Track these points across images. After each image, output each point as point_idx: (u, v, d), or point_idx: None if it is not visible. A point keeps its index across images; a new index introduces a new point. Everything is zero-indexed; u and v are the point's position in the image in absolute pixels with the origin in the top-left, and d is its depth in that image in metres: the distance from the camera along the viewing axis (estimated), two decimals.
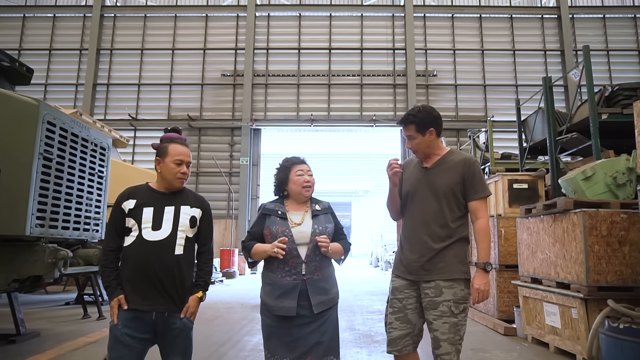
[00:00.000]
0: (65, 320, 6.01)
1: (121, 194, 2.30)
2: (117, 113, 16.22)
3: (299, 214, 2.46)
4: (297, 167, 2.48)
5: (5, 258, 3.80)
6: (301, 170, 2.47)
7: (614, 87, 5.65)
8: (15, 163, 3.70)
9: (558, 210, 4.19)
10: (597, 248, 3.81)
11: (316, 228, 2.40)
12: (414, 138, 2.48)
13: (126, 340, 2.12)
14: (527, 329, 4.82)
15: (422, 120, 2.44)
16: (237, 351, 4.43)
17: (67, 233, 4.28)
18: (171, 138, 2.36)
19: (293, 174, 2.47)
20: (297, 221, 2.43)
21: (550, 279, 4.37)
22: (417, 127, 2.45)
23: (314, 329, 2.31)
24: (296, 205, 2.49)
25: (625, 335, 3.21)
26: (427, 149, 2.50)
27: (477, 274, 2.39)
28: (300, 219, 2.44)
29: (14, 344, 4.59)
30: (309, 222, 2.43)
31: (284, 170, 2.51)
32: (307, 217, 2.46)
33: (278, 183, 2.53)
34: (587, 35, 16.60)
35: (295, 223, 2.42)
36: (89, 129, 4.73)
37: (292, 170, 2.48)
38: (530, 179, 6.22)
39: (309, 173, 2.50)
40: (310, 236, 2.37)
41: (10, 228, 3.61)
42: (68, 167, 4.28)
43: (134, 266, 2.19)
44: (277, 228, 2.38)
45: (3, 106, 3.74)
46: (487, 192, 2.46)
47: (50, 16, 17.11)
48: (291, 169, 2.48)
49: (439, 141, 2.55)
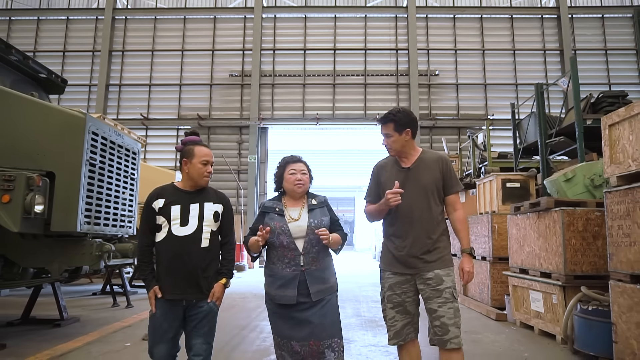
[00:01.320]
0: (97, 309, 6.60)
1: (150, 195, 2.55)
2: (129, 113, 16.77)
3: (295, 209, 2.62)
4: (290, 167, 2.64)
5: (59, 251, 4.38)
6: (294, 169, 2.62)
7: (599, 95, 6.14)
8: (67, 169, 4.25)
9: (542, 208, 4.72)
10: (573, 242, 4.35)
11: (312, 222, 2.56)
12: (390, 136, 2.66)
13: (162, 324, 2.41)
14: (515, 314, 5.37)
15: (400, 120, 2.62)
16: (257, 334, 5.00)
17: (107, 229, 4.85)
18: (195, 141, 2.66)
19: (286, 172, 2.63)
20: (295, 217, 2.58)
21: (535, 269, 4.91)
22: (395, 126, 2.63)
23: (314, 312, 2.48)
24: (293, 201, 2.65)
25: (594, 315, 3.76)
26: (401, 148, 2.67)
27: (465, 259, 2.64)
28: (297, 214, 2.59)
29: (59, 327, 5.19)
30: (305, 216, 2.59)
31: (279, 169, 2.70)
32: (304, 212, 2.61)
33: (276, 181, 2.73)
34: (586, 35, 17.00)
35: (292, 218, 2.57)
36: (123, 136, 5.29)
37: (286, 169, 2.64)
38: (522, 178, 6.74)
39: (302, 172, 2.63)
40: (306, 230, 2.53)
41: (64, 225, 4.17)
42: (107, 170, 4.83)
43: (166, 259, 2.44)
44: (275, 224, 2.54)
45: (57, 119, 4.30)
46: (461, 186, 2.77)
47: (63, 19, 17.65)
48: (285, 168, 2.65)
49: (413, 142, 2.72)
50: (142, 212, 2.53)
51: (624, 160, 3.40)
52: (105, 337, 4.75)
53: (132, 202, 5.50)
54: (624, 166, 3.40)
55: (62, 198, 4.17)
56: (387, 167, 2.78)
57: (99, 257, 4.41)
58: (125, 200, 5.35)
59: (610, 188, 3.56)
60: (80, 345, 4.36)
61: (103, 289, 8.16)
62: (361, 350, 4.29)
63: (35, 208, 3.90)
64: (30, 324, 5.32)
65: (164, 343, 2.42)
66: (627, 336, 3.28)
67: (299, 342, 2.45)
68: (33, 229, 4.02)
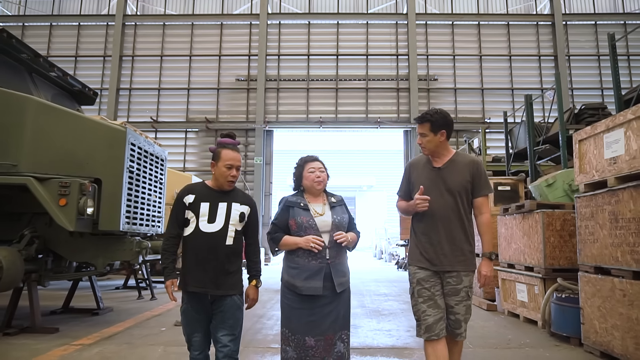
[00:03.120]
0: (124, 301, 7.24)
1: (182, 190, 2.64)
2: (139, 116, 17.40)
3: (319, 205, 2.71)
4: (309, 165, 2.74)
5: (103, 247, 5.02)
6: (313, 168, 2.72)
7: (581, 107, 6.78)
8: (111, 175, 4.88)
9: (526, 210, 5.36)
10: (552, 239, 4.98)
11: (335, 218, 2.67)
12: (425, 135, 2.70)
13: (194, 315, 2.53)
14: (504, 304, 6.01)
15: (437, 120, 2.68)
16: (274, 321, 5.64)
17: (142, 229, 5.48)
18: (224, 143, 2.64)
19: (306, 171, 2.73)
20: (320, 211, 2.68)
21: (520, 264, 5.55)
22: (432, 126, 2.68)
23: (332, 308, 2.58)
24: (314, 198, 2.74)
25: (567, 302, 4.40)
26: (435, 148, 2.72)
27: (484, 262, 2.70)
28: (321, 209, 2.69)
29: (97, 315, 5.83)
30: (328, 212, 2.69)
31: (298, 169, 2.79)
32: (327, 208, 2.71)
33: (295, 180, 2.80)
34: (579, 41, 17.64)
35: (318, 213, 2.66)
36: (153, 145, 5.92)
37: (305, 168, 2.74)
38: (512, 182, 7.37)
39: (321, 169, 2.73)
40: (331, 225, 2.64)
41: (110, 225, 4.81)
42: (142, 176, 5.47)
43: (192, 254, 2.52)
44: (301, 218, 2.62)
45: (103, 132, 4.93)
46: (491, 189, 2.77)
47: (75, 25, 18.27)
48: (304, 167, 2.75)
49: (447, 143, 2.75)
50: (173, 205, 2.63)
51: (590, 171, 4.04)
52: (141, 324, 5.38)
53: (160, 204, 6.14)
54: (589, 176, 4.04)
55: (107, 201, 4.81)
56: (419, 166, 2.83)
57: (138, 253, 5.06)
58: (155, 202, 5.99)
59: (580, 194, 4.20)
60: (122, 330, 5.00)
61: (125, 283, 8.81)
62: (367, 333, 4.92)
63: (87, 210, 4.54)
64: (71, 313, 5.95)
65: (199, 332, 2.54)
66: (591, 318, 3.92)
67: (315, 337, 2.52)
68: (85, 228, 4.65)
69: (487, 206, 2.75)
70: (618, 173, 3.60)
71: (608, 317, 3.69)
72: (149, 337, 4.66)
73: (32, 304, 4.79)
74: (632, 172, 3.43)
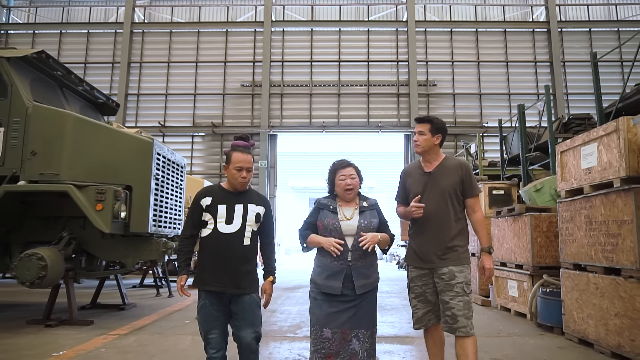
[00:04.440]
0: (144, 298, 7.76)
1: (199, 193, 2.73)
2: (147, 121, 17.91)
3: (349, 209, 2.78)
4: (340, 172, 2.79)
5: (132, 248, 5.54)
6: (344, 175, 2.78)
7: (570, 117, 7.30)
8: (140, 182, 5.41)
9: (516, 213, 5.88)
10: (539, 240, 5.50)
11: (362, 222, 2.72)
12: (424, 134, 2.90)
13: (213, 313, 2.59)
14: (497, 300, 6.53)
15: (437, 124, 2.93)
16: (286, 315, 6.16)
17: (166, 230, 6.00)
18: (235, 146, 2.72)
19: (337, 178, 2.79)
20: (348, 216, 2.75)
21: (511, 262, 6.07)
22: (431, 127, 2.90)
23: (352, 305, 2.66)
24: (345, 202, 2.81)
25: (550, 296, 4.92)
26: (428, 148, 2.91)
27: (485, 257, 2.87)
28: (350, 214, 2.76)
29: (124, 310, 6.35)
30: (356, 217, 2.74)
31: (330, 175, 2.85)
32: (356, 212, 2.77)
33: (329, 184, 2.88)
34: (574, 48, 18.18)
35: (345, 217, 2.74)
36: (174, 154, 6.44)
37: (336, 175, 2.80)
38: (506, 186, 7.89)
39: (351, 176, 2.77)
40: (356, 229, 2.70)
41: (139, 227, 5.33)
42: (166, 182, 5.99)
43: (211, 254, 2.59)
44: (328, 221, 2.72)
45: (133, 144, 5.45)
46: (479, 190, 3.00)
47: (84, 32, 18.81)
48: (335, 174, 2.81)
49: (439, 148, 2.97)
50: (190, 207, 2.72)
51: (569, 179, 4.56)
52: (165, 317, 5.91)
53: (180, 207, 6.66)
54: (569, 183, 4.56)
55: (137, 205, 5.34)
56: (412, 172, 3.03)
57: (164, 253, 5.58)
58: (176, 206, 6.51)
59: (561, 199, 4.72)
60: (150, 322, 5.52)
61: (141, 282, 9.34)
62: None
63: (120, 214, 5.06)
64: (99, 308, 6.47)
65: (216, 329, 2.59)
66: (571, 309, 4.44)
67: (332, 330, 2.63)
68: (118, 230, 5.18)
69: (479, 205, 2.95)
70: (592, 182, 4.12)
71: (584, 307, 4.21)
72: (176, 329, 5.18)
73: (70, 299, 5.31)
74: (603, 181, 3.95)
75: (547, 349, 4.22)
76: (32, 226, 5.59)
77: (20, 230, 5.56)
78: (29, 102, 5.22)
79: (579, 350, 4.17)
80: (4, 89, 5.19)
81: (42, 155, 5.07)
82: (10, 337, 4.58)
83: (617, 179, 3.73)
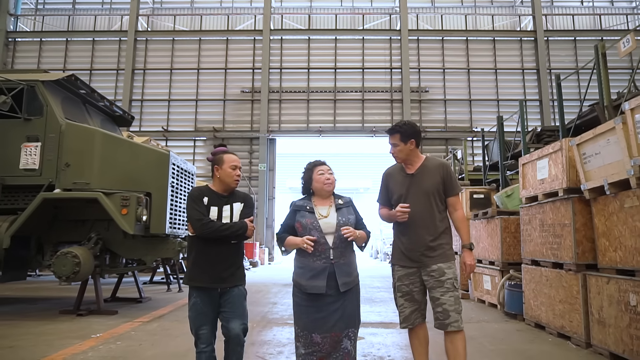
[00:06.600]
0: (156, 293, 8.51)
1: (198, 191, 2.80)
2: (151, 125, 18.66)
3: (324, 207, 2.80)
4: (318, 168, 2.85)
5: (151, 247, 6.29)
6: (322, 170, 2.84)
7: (540, 129, 8.10)
8: (159, 189, 6.16)
9: (489, 216, 6.67)
10: (508, 240, 6.29)
11: (340, 219, 2.75)
12: (397, 145, 2.93)
13: (203, 309, 2.70)
14: (474, 293, 7.32)
15: (405, 131, 2.91)
16: (286, 307, 6.92)
17: (179, 232, 6.76)
18: (223, 151, 2.92)
19: (315, 173, 2.84)
20: (324, 214, 2.77)
21: (486, 260, 6.86)
22: (401, 137, 2.91)
23: (337, 307, 2.66)
24: (322, 201, 2.84)
25: (515, 288, 5.70)
26: (406, 156, 2.95)
27: (466, 253, 2.91)
28: (326, 212, 2.78)
29: (141, 302, 7.10)
30: (334, 214, 2.77)
31: (307, 172, 2.88)
32: (332, 210, 2.80)
33: (304, 183, 2.90)
34: (559, 56, 19.03)
35: (322, 215, 2.76)
36: (186, 162, 7.20)
37: (315, 171, 2.84)
38: (485, 191, 8.68)
39: (329, 172, 2.85)
40: (335, 226, 2.72)
41: (158, 228, 6.08)
42: (179, 188, 6.75)
43: (202, 252, 2.72)
44: (306, 221, 2.73)
45: (152, 156, 6.21)
46: (460, 188, 3.40)
47: (89, 40, 19.52)
48: (313, 170, 2.86)
49: (417, 151, 2.98)
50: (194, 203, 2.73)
51: (528, 187, 5.35)
52: (179, 309, 6.66)
53: None
54: (528, 191, 5.35)
55: (156, 210, 6.09)
56: (394, 174, 3.06)
57: (179, 251, 6.33)
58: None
59: (523, 205, 5.52)
60: (167, 312, 6.28)
61: (151, 279, 10.09)
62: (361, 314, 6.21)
63: (142, 217, 5.82)
64: (118, 301, 7.21)
65: (207, 325, 2.71)
66: (529, 298, 5.23)
67: (321, 334, 2.63)
68: (140, 231, 5.93)
69: (460, 203, 3.00)
70: (544, 191, 4.91)
71: (538, 296, 5.00)
72: None
73: (97, 292, 6.06)
74: (552, 191, 4.73)
75: (507, 332, 5.00)
76: (62, 228, 6.33)
77: (51, 232, 6.31)
78: (62, 119, 5.98)
79: (532, 332, 4.96)
80: (40, 108, 5.94)
81: (74, 167, 5.83)
82: (51, 323, 5.34)
83: (561, 189, 4.51)
